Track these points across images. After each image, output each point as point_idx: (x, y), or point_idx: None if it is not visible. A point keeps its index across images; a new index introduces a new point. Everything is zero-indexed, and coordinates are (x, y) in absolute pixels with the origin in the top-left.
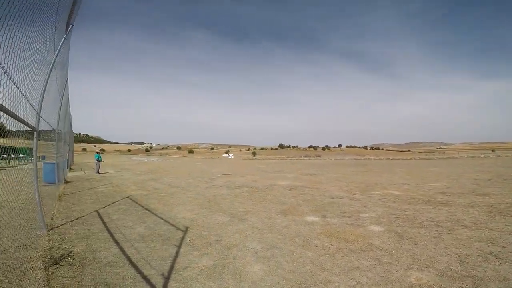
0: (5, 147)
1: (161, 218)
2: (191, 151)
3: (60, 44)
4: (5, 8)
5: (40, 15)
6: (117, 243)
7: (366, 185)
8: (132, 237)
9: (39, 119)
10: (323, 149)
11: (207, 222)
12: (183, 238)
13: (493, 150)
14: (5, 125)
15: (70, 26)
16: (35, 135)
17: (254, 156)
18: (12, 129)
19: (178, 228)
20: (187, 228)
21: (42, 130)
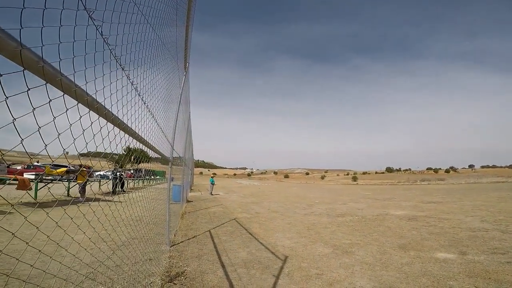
0: (147, 170)
1: (262, 244)
2: (286, 176)
3: (183, 81)
4: (142, 51)
5: (166, 54)
6: (223, 266)
7: None
8: (236, 261)
9: (172, 151)
10: (447, 171)
11: (306, 252)
12: (282, 268)
13: None
14: (148, 153)
15: (187, 63)
16: (170, 165)
17: (354, 181)
18: (153, 156)
19: (277, 257)
20: (286, 257)
21: (175, 156)
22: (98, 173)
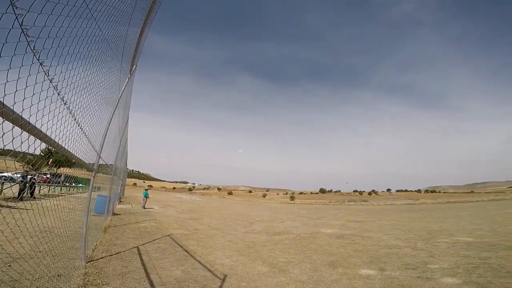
0: (68, 176)
1: (199, 262)
2: (230, 193)
3: (125, 84)
4: (75, 46)
5: (109, 52)
6: (152, 285)
7: (428, 232)
8: (168, 280)
9: (98, 160)
10: (369, 193)
11: (246, 271)
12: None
13: None
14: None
15: (134, 66)
16: (93, 173)
17: (292, 200)
18: (75, 161)
19: (216, 276)
20: (225, 276)
21: (102, 164)
22: (2, 174)
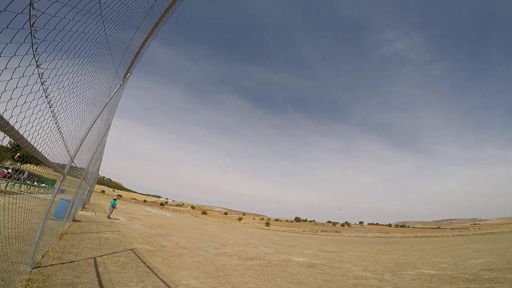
0: (32, 174)
1: (162, 280)
2: (204, 212)
3: (116, 90)
4: (75, 45)
5: (108, 55)
6: None
7: (395, 264)
8: None
9: (70, 164)
10: (342, 225)
11: None
12: None
13: None
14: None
15: (129, 73)
16: (61, 177)
17: (267, 226)
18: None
19: None
20: None
21: (73, 166)
22: None
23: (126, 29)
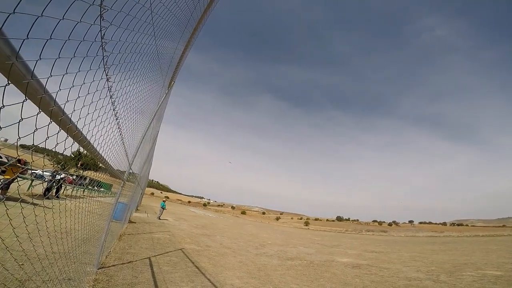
0: (93, 180)
1: (209, 280)
2: (243, 212)
3: (163, 98)
4: (134, 60)
5: (157, 66)
6: None
7: (453, 265)
8: None
9: (129, 171)
10: (389, 224)
11: None
12: None
13: None
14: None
15: (173, 82)
16: (122, 183)
17: (306, 225)
18: (103, 166)
19: None
20: None
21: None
22: (34, 171)
23: (171, 38)
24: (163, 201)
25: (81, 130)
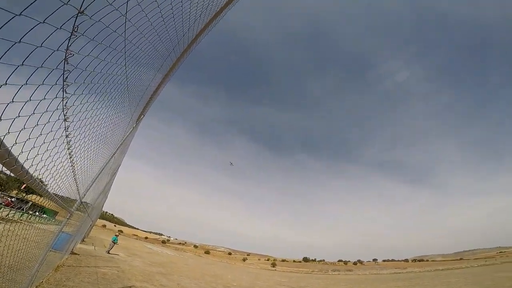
0: (35, 205)
1: None
2: (207, 252)
3: (129, 132)
4: (100, 85)
5: (126, 97)
6: None
7: None
8: None
9: (79, 204)
10: (354, 263)
11: None
12: None
13: None
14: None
15: (143, 116)
16: (68, 216)
17: (273, 267)
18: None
19: None
20: None
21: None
22: None
23: (146, 71)
24: (116, 235)
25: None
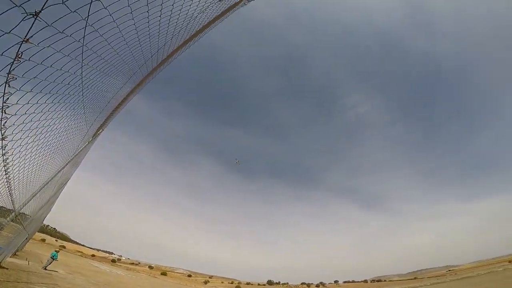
0: None
1: None
2: (164, 273)
3: (84, 146)
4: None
5: (81, 109)
6: None
7: None
8: None
9: (13, 217)
10: (317, 285)
11: None
12: None
13: (510, 261)
14: None
15: (101, 130)
16: None
17: None
18: None
19: None
20: None
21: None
22: None
23: (109, 83)
24: (56, 250)
25: None
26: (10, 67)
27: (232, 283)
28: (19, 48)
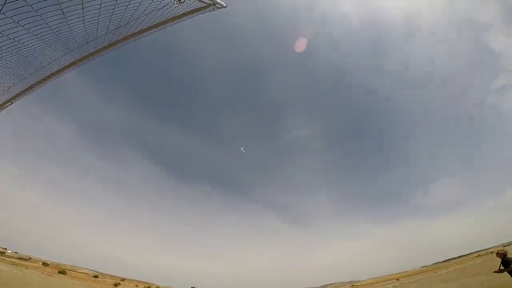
0: None
1: None
2: (63, 272)
3: None
4: None
5: None
6: None
7: None
8: None
9: None
10: None
11: None
12: None
13: (397, 279)
14: None
15: (10, 103)
16: None
17: None
18: None
19: None
20: None
21: None
22: None
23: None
24: None
25: None
26: None
27: (149, 287)
28: None
